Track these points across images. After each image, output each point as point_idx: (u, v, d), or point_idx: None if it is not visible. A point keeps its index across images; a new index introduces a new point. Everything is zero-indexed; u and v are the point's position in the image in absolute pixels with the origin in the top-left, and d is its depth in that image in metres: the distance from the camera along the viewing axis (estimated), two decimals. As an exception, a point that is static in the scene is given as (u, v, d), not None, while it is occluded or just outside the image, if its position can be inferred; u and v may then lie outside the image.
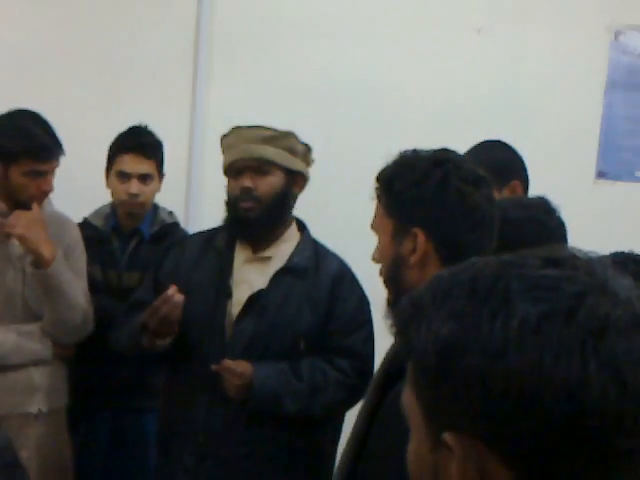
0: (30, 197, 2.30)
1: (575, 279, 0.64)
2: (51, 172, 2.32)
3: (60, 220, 2.45)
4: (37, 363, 2.40)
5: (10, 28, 2.95)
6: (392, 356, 1.49)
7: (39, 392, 2.39)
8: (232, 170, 2.25)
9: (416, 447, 0.70)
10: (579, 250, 0.69)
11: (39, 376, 2.40)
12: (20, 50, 2.93)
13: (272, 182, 2.25)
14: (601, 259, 0.69)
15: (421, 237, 1.45)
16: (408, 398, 0.70)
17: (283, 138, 2.25)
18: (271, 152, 2.25)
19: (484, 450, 0.63)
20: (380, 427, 1.39)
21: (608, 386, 0.60)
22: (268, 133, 2.26)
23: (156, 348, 2.22)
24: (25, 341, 2.38)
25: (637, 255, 1.59)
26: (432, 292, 0.68)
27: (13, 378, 2.35)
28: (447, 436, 0.64)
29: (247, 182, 2.22)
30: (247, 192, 2.22)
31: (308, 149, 2.31)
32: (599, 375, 0.59)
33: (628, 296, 0.63)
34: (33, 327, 2.39)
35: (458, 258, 0.76)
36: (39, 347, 2.40)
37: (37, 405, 2.37)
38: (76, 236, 2.51)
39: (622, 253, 1.58)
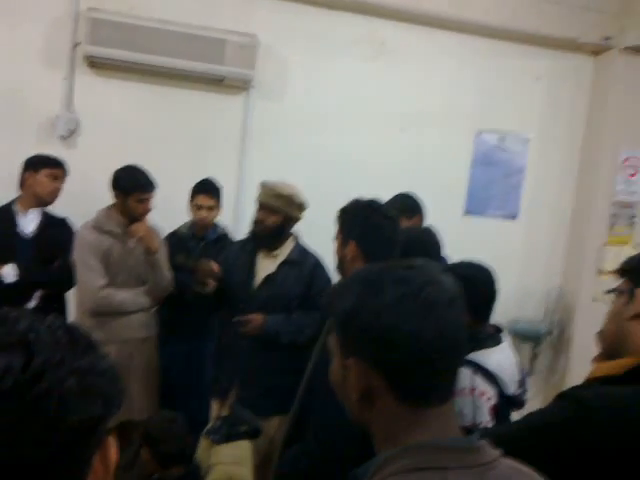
0: (139, 214, 2.79)
1: (421, 276, 0.78)
2: (150, 199, 2.79)
3: (153, 228, 2.90)
4: (143, 310, 2.86)
5: (140, 118, 3.46)
6: None
7: (144, 326, 2.87)
8: (257, 206, 2.69)
9: (335, 366, 0.86)
10: (427, 261, 0.84)
11: (144, 317, 2.86)
12: (135, 129, 3.47)
13: (274, 219, 2.65)
14: (437, 266, 0.86)
15: (352, 246, 1.72)
16: (332, 339, 0.87)
17: (285, 197, 2.64)
18: (277, 203, 2.64)
19: (368, 368, 0.79)
20: (321, 352, 1.66)
21: (434, 334, 0.77)
22: (278, 192, 2.63)
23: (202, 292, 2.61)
24: (138, 297, 2.83)
25: (464, 262, 1.92)
26: (346, 282, 0.86)
27: (131, 318, 2.81)
28: (350, 360, 0.80)
29: (260, 216, 2.66)
30: (259, 222, 2.67)
31: (302, 203, 2.67)
32: (430, 328, 0.77)
33: (448, 287, 0.80)
34: (141, 289, 2.86)
35: (373, 259, 0.90)
36: (145, 300, 2.86)
37: (143, 333, 2.86)
38: (161, 238, 2.99)
39: (460, 262, 1.94)
